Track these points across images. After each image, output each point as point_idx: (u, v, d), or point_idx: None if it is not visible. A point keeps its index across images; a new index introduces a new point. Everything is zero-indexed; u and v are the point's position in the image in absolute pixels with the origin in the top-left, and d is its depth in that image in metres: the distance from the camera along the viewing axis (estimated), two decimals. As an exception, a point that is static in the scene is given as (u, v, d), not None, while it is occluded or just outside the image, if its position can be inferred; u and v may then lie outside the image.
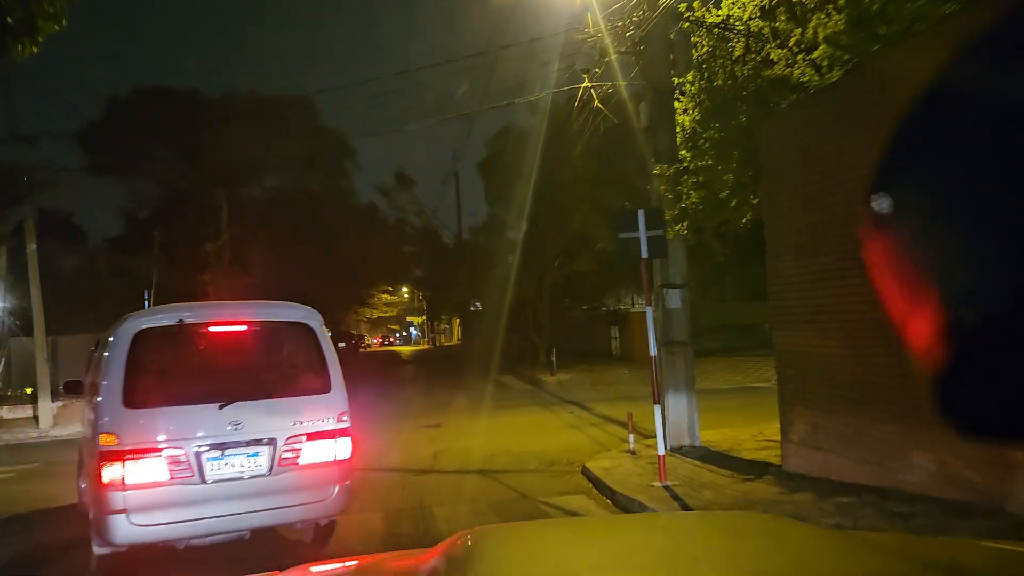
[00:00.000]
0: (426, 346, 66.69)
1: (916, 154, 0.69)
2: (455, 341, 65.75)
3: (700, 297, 25.35)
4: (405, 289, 75.39)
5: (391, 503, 8.12)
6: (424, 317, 76.75)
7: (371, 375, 28.09)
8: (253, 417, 5.75)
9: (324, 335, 6.30)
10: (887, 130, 0.69)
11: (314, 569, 2.26)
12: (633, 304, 27.06)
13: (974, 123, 0.65)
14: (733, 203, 8.34)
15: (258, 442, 5.74)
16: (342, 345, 43.69)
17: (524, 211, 24.03)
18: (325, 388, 6.14)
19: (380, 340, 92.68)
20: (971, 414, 0.67)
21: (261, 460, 5.74)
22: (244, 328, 6.17)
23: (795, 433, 7.01)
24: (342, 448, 6.04)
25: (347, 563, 2.30)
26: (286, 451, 5.79)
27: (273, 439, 5.76)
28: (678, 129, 9.73)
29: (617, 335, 26.48)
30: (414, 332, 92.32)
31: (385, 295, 75.66)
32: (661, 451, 7.58)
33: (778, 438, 10.09)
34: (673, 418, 9.70)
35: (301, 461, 5.84)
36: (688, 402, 9.83)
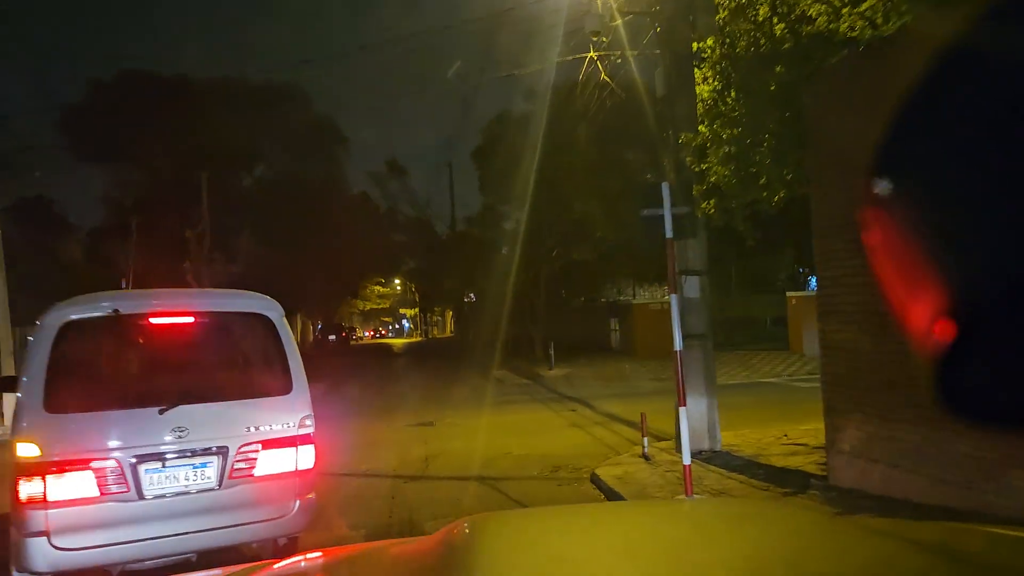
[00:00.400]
0: (419, 338, 65.64)
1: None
2: (448, 333, 64.75)
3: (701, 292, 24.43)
4: (397, 281, 74.54)
5: (375, 517, 7.12)
6: (417, 309, 75.71)
7: (360, 368, 27.08)
8: (200, 422, 4.86)
9: (285, 328, 5.34)
10: None
11: (310, 556, 2.22)
12: (634, 295, 26.06)
13: None
14: (763, 180, 7.32)
15: (206, 451, 4.85)
16: (332, 337, 42.78)
17: (520, 200, 23.06)
18: (285, 388, 5.20)
19: (372, 332, 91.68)
20: None
21: (209, 472, 4.86)
22: (191, 320, 5.22)
23: (845, 442, 6.02)
24: (304, 457, 5.18)
25: (344, 552, 2.28)
26: (239, 461, 4.92)
27: (224, 448, 4.88)
28: (698, 101, 8.72)
29: (616, 328, 25.50)
30: (407, 324, 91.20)
31: (378, 287, 74.72)
32: (687, 459, 6.58)
33: (806, 441, 9.16)
34: (692, 419, 8.69)
35: (257, 472, 4.98)
36: (708, 402, 8.83)
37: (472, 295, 34.40)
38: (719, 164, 7.50)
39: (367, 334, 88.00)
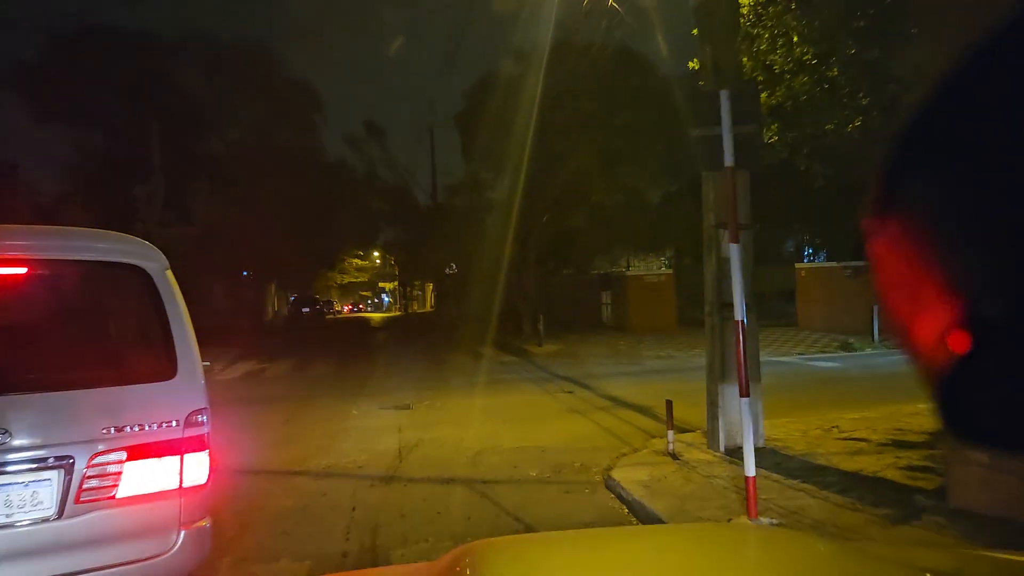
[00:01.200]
0: (398, 313, 63.67)
1: None
2: (428, 308, 62.90)
3: (698, 263, 22.76)
4: (376, 254, 72.51)
5: (327, 539, 5.35)
6: (396, 283, 73.75)
7: (334, 343, 25.22)
8: (31, 421, 3.20)
9: (169, 287, 3.64)
10: None
11: None
12: (628, 266, 24.31)
13: None
14: (846, 90, 5.54)
15: (39, 463, 3.18)
16: (306, 310, 40.82)
17: (508, 164, 21.21)
18: (166, 372, 3.55)
19: (350, 307, 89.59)
20: None
21: (44, 494, 3.18)
22: (23, 271, 3.40)
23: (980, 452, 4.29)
24: (193, 469, 3.53)
25: None
26: (92, 477, 3.26)
27: (67, 458, 3.21)
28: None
29: (609, 301, 23.79)
30: (386, 299, 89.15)
31: (356, 260, 72.68)
32: (749, 471, 4.86)
33: (864, 436, 7.48)
34: (730, 410, 6.99)
35: (119, 493, 3.32)
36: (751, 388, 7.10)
37: (454, 267, 32.52)
38: (787, 70, 5.69)
39: (345, 308, 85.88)
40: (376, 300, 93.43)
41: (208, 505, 3.61)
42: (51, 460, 3.13)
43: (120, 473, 3.25)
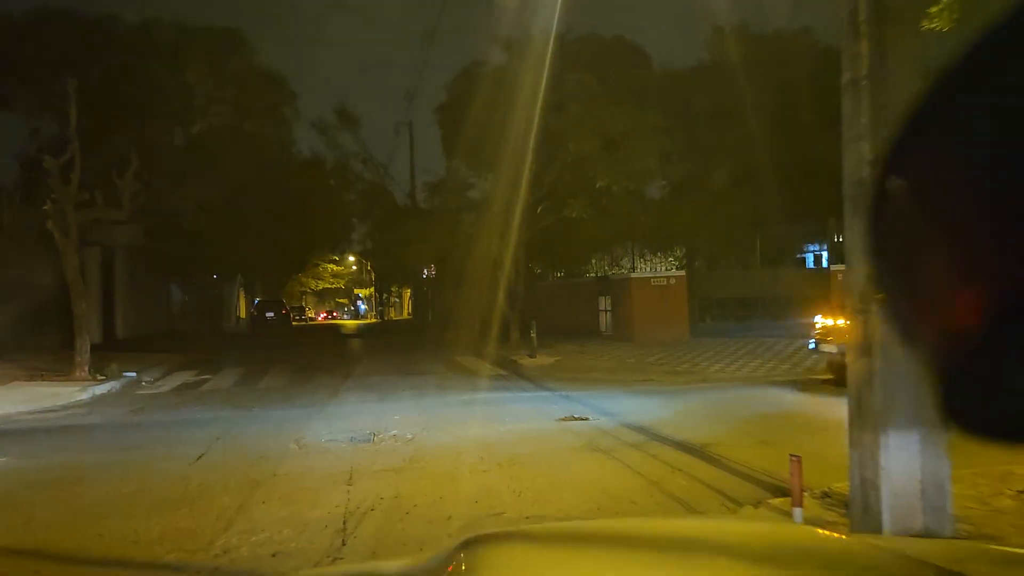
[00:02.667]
0: (374, 320, 60.54)
1: None
2: (406, 315, 59.83)
3: (713, 265, 20.07)
4: (352, 259, 69.62)
5: None
6: (372, 289, 70.77)
7: (296, 352, 22.20)
8: None
9: None
10: None
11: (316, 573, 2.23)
12: (633, 267, 21.51)
13: None
14: None
15: None
16: (271, 315, 37.69)
17: (496, 153, 18.51)
18: None
19: (326, 314, 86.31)
20: None
21: None
22: None
23: None
24: None
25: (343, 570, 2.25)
26: None
27: None
28: None
29: (609, 308, 21.00)
30: (362, 306, 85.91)
31: (332, 265, 69.74)
32: None
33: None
34: (896, 470, 4.17)
35: None
36: (926, 438, 4.24)
37: (432, 268, 29.66)
38: None
39: (321, 315, 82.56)
40: (352, 307, 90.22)
41: None
42: None
43: None
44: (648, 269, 21.08)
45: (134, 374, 15.13)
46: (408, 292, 57.60)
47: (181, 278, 32.30)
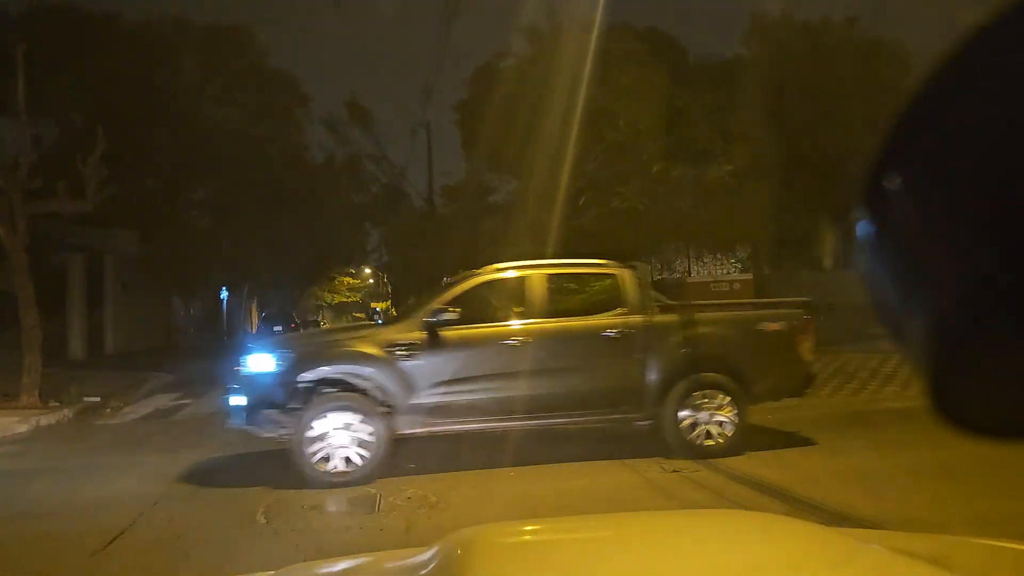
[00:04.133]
0: (390, 335, 58.09)
1: None
2: (423, 329, 57.32)
3: (778, 267, 17.32)
4: (368, 271, 67.45)
5: None
6: (388, 302, 68.45)
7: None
8: None
9: None
10: None
11: (307, 569, 2.21)
12: (689, 271, 18.73)
13: None
14: None
15: None
16: (279, 329, 35.19)
17: (527, 145, 16.04)
18: None
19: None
20: None
21: None
22: None
23: None
24: None
25: (337, 564, 2.13)
26: None
27: None
28: None
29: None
30: (379, 321, 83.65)
31: (348, 278, 67.65)
32: None
33: None
34: None
35: None
36: None
37: (450, 278, 27.02)
38: None
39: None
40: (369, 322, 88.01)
41: None
42: None
43: None
44: (704, 273, 18.33)
45: (97, 399, 12.60)
46: (426, 304, 55.09)
47: (184, 288, 29.91)
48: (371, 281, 75.70)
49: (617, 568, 1.51)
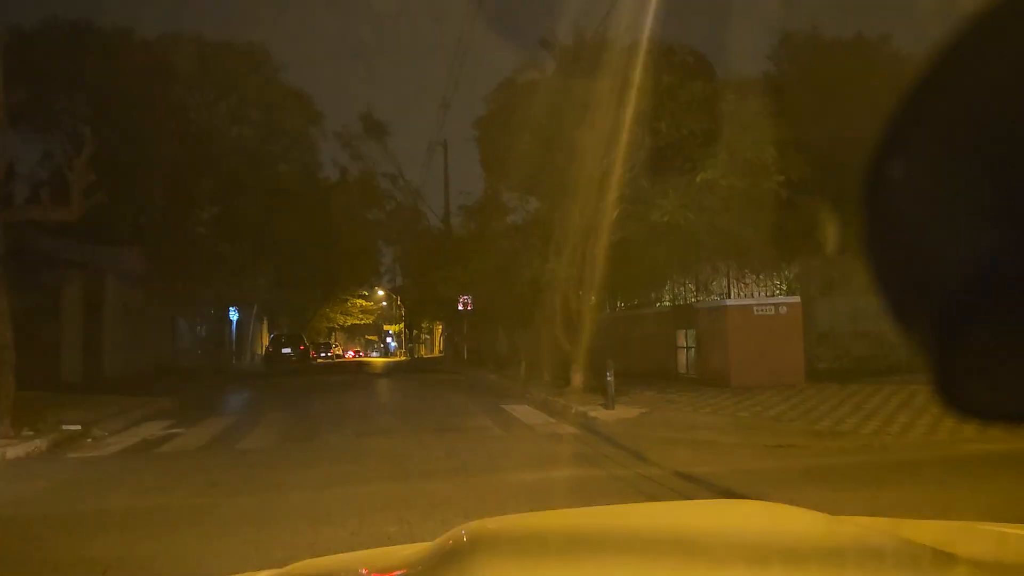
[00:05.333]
0: (403, 357, 56.64)
1: None
2: (437, 352, 55.96)
3: (825, 291, 15.90)
4: (381, 292, 66.46)
5: None
6: (402, 325, 67.31)
7: (309, 395, 18.33)
8: None
9: None
10: None
11: (310, 566, 2.02)
12: (729, 292, 17.29)
13: None
14: None
15: None
16: (287, 351, 34.00)
17: (551, 159, 14.91)
18: None
19: (355, 351, 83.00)
20: None
21: None
22: None
23: None
24: None
25: (340, 560, 2.15)
26: None
27: None
28: None
29: (692, 343, 16.89)
30: (391, 343, 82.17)
31: (360, 300, 66.72)
32: None
33: None
34: None
35: None
36: None
37: (468, 299, 25.85)
38: None
39: (350, 353, 79.22)
40: (382, 344, 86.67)
41: None
42: None
43: None
44: (745, 295, 16.92)
45: (78, 427, 11.35)
46: (439, 328, 53.82)
47: (189, 309, 28.79)
48: (384, 303, 74.69)
49: (622, 559, 1.52)
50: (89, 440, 11.03)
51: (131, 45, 30.12)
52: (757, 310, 14.66)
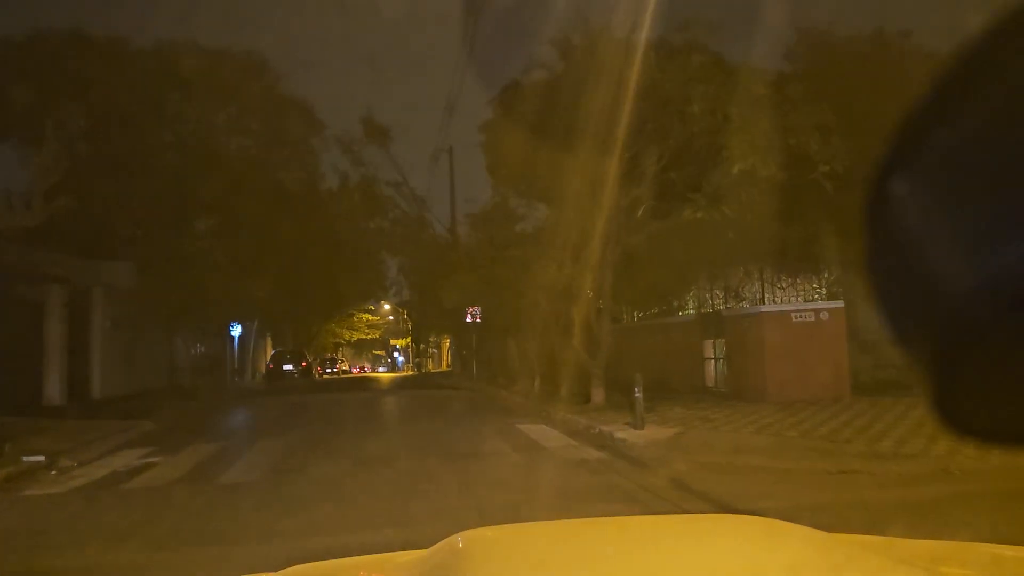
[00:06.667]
0: (411, 372, 55.24)
1: None
2: (444, 367, 54.63)
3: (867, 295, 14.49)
4: (388, 307, 65.33)
5: None
6: (408, 339, 66.11)
7: (305, 417, 17.03)
8: None
9: None
10: None
11: (308, 571, 2.02)
12: (763, 298, 15.92)
13: None
14: None
15: None
16: (289, 367, 32.70)
17: (563, 159, 13.66)
18: None
19: (361, 367, 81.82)
20: None
21: None
22: None
23: None
24: None
25: (339, 565, 2.09)
26: None
27: None
28: None
29: (721, 354, 15.55)
30: (399, 358, 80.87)
31: (366, 315, 65.60)
32: None
33: None
34: None
35: None
36: None
37: (477, 311, 24.59)
38: None
39: (357, 368, 78.05)
40: (390, 360, 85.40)
41: None
42: None
43: None
44: (777, 301, 15.55)
45: (42, 458, 10.09)
46: (447, 341, 52.53)
47: (186, 325, 27.56)
48: (391, 318, 73.45)
49: (617, 571, 1.51)
50: (53, 472, 9.77)
51: (125, 53, 29.21)
52: (796, 317, 13.33)
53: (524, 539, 1.86)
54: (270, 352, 42.53)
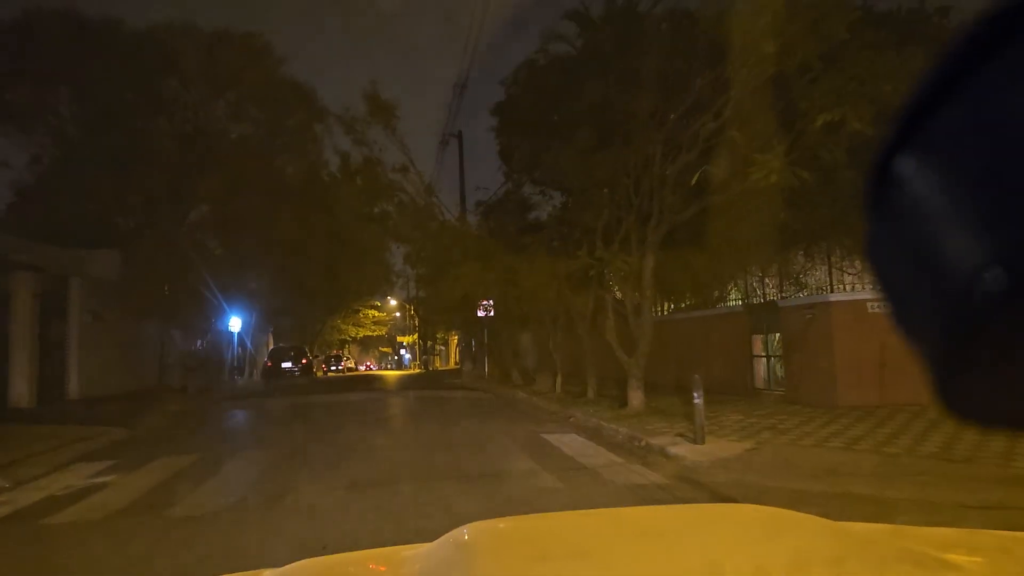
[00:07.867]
0: (418, 370, 53.28)
1: None
2: (452, 364, 52.63)
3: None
4: (394, 302, 63.62)
5: None
6: (415, 336, 64.31)
7: (298, 421, 15.06)
8: None
9: None
10: None
11: (311, 565, 1.96)
12: (831, 287, 13.80)
13: None
14: None
15: None
16: (288, 365, 30.78)
17: (590, 132, 11.77)
18: None
19: (367, 365, 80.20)
20: None
21: None
22: None
23: None
24: None
25: (342, 559, 2.06)
26: None
27: None
28: None
29: (776, 352, 13.53)
30: (406, 356, 79.03)
31: (373, 311, 63.91)
32: None
33: None
34: None
35: None
36: None
37: (490, 303, 22.64)
38: None
39: (364, 366, 76.39)
40: (396, 357, 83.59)
41: None
42: None
43: None
44: (844, 289, 13.48)
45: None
46: (455, 338, 50.60)
47: (175, 319, 25.69)
48: (397, 314, 71.64)
49: (622, 561, 1.49)
50: (-29, 498, 7.84)
51: (120, 36, 27.62)
52: (873, 307, 11.29)
53: (530, 530, 1.85)
54: (267, 344, 40.67)
